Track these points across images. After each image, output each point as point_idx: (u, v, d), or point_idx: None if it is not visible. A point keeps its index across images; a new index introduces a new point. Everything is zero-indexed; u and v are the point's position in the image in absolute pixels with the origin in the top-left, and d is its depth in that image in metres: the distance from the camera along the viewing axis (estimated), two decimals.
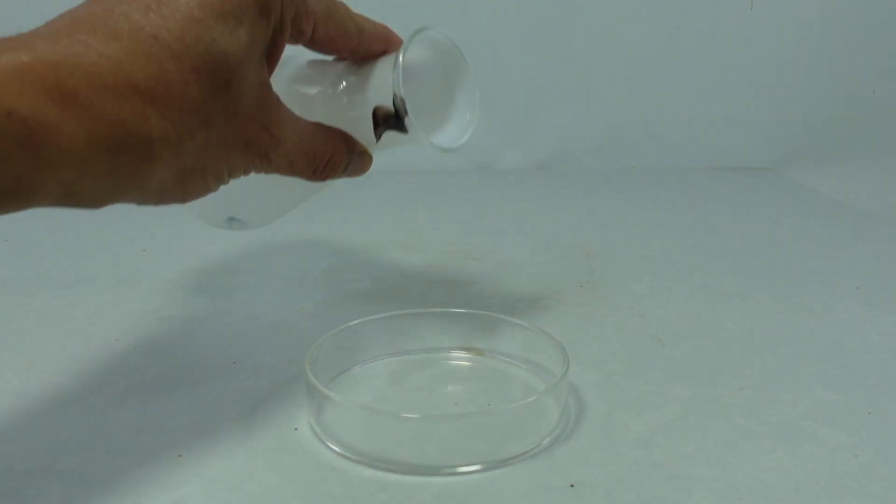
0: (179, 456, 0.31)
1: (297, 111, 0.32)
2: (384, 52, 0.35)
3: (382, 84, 0.33)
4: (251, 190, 0.35)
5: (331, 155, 0.34)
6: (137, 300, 0.48)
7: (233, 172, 0.30)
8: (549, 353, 0.36)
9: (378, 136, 0.34)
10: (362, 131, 0.35)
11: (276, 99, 0.31)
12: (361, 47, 0.34)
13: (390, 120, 0.34)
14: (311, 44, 0.33)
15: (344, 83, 0.35)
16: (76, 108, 0.23)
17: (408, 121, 0.33)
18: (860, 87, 0.93)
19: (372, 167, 0.37)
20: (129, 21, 0.26)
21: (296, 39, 0.32)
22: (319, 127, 0.34)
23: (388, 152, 0.37)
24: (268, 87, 0.30)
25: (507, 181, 0.89)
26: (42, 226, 0.64)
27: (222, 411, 0.35)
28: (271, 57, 0.30)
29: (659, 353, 0.42)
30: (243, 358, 0.41)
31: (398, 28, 0.36)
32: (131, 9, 0.26)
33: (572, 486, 0.30)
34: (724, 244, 0.64)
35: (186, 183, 0.28)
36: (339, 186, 0.38)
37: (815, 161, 0.94)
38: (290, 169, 0.32)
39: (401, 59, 0.33)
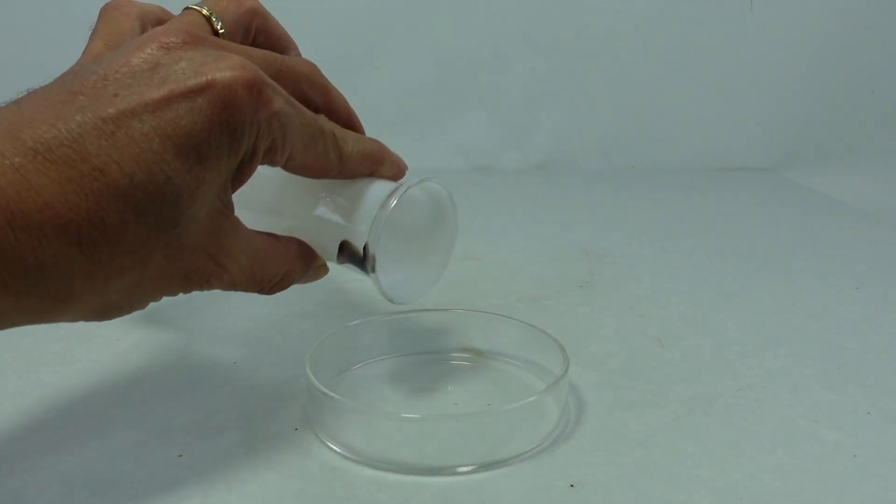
0: (180, 456, 0.31)
1: (259, 210, 0.31)
2: (372, 173, 0.33)
3: (358, 219, 0.32)
4: None
5: (282, 276, 0.31)
6: None
7: (165, 296, 0.27)
8: (549, 353, 0.36)
9: (339, 262, 0.33)
10: (326, 249, 0.33)
11: (232, 223, 0.28)
12: (343, 175, 0.31)
13: (356, 260, 0.32)
14: (285, 168, 0.30)
15: (321, 196, 0.33)
16: None
17: (371, 275, 0.32)
18: (860, 87, 0.93)
19: None
20: (77, 145, 0.23)
21: (268, 164, 0.29)
22: (276, 246, 0.31)
23: None
24: (224, 213, 0.28)
25: (506, 182, 0.89)
26: None
27: (222, 411, 0.35)
28: (238, 181, 0.28)
29: (659, 353, 0.42)
30: (243, 358, 0.41)
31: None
32: (84, 128, 0.23)
33: (572, 486, 0.30)
34: (723, 244, 0.64)
35: (106, 314, 0.26)
36: None
37: (814, 161, 0.94)
38: (233, 289, 0.30)
39: (383, 217, 0.31)
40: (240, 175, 0.27)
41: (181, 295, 0.28)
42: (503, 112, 0.94)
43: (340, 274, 0.54)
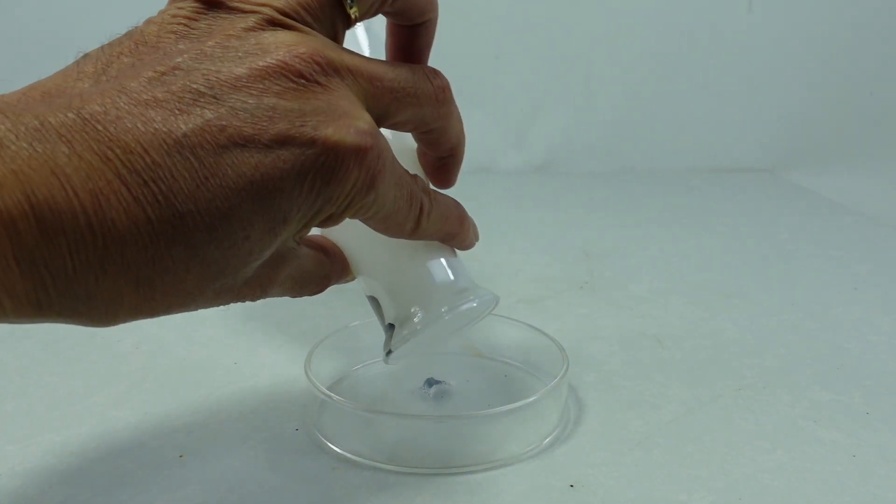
0: (180, 456, 0.32)
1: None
2: (442, 240, 0.31)
3: (395, 311, 0.31)
4: None
5: (314, 290, 0.30)
6: None
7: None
8: (548, 354, 0.36)
9: (367, 299, 0.32)
10: (361, 274, 0.32)
11: (293, 254, 0.26)
12: (411, 238, 0.29)
13: (379, 319, 0.32)
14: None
15: (381, 243, 0.30)
16: (38, 272, 0.19)
17: (383, 354, 0.31)
18: (859, 88, 0.93)
19: None
20: (164, 184, 0.20)
21: None
22: (322, 263, 0.30)
23: None
24: (292, 249, 0.26)
25: (506, 182, 0.89)
26: None
27: (223, 412, 0.35)
28: (319, 227, 0.26)
29: (658, 353, 0.42)
30: (244, 358, 0.41)
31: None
32: (178, 167, 0.21)
33: (572, 486, 0.30)
34: (723, 245, 0.64)
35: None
36: None
37: (813, 163, 0.94)
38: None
39: (418, 334, 0.30)
40: (321, 225, 0.25)
41: None
42: (503, 112, 0.94)
43: None
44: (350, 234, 0.31)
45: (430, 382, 0.36)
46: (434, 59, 0.35)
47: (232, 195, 0.21)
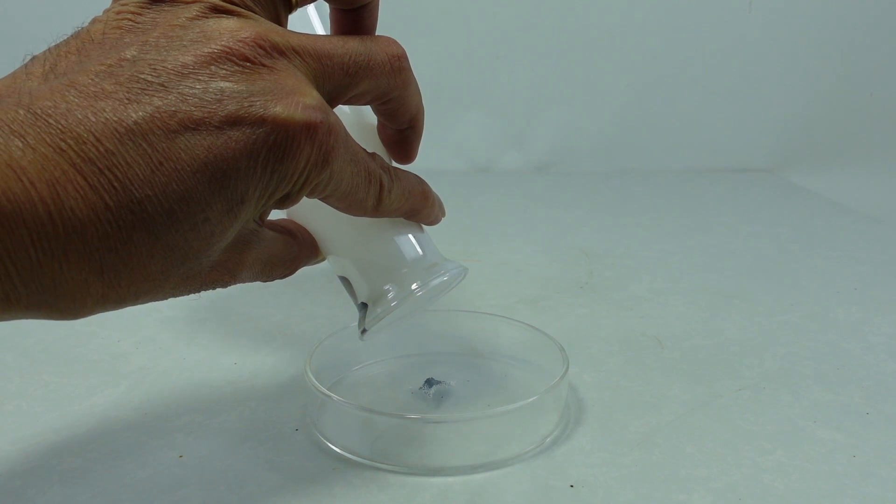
0: (180, 456, 0.32)
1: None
2: (406, 216, 0.31)
3: (367, 288, 0.31)
4: None
5: (286, 274, 0.30)
6: None
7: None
8: (548, 354, 0.36)
9: (339, 279, 0.33)
10: (330, 255, 0.32)
11: (258, 237, 0.27)
12: (374, 216, 0.30)
13: (352, 297, 0.32)
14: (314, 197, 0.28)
15: (347, 229, 0.32)
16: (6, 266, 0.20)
17: (357, 332, 0.32)
18: (859, 88, 0.93)
19: None
20: (119, 171, 0.21)
21: None
22: (290, 246, 0.30)
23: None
24: (255, 231, 0.26)
25: (506, 183, 0.89)
26: None
27: (223, 412, 0.35)
28: (277, 207, 0.26)
29: (658, 353, 0.42)
30: (244, 359, 0.41)
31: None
32: (132, 155, 0.21)
33: (572, 486, 0.30)
34: (723, 245, 0.64)
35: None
36: None
37: (813, 163, 0.94)
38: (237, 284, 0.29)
39: (390, 311, 0.30)
40: (279, 205, 0.26)
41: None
42: (503, 113, 0.94)
43: None
44: (316, 216, 0.32)
45: (430, 382, 0.36)
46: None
47: (187, 178, 0.22)
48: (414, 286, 0.30)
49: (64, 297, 0.21)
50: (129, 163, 0.21)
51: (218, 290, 0.29)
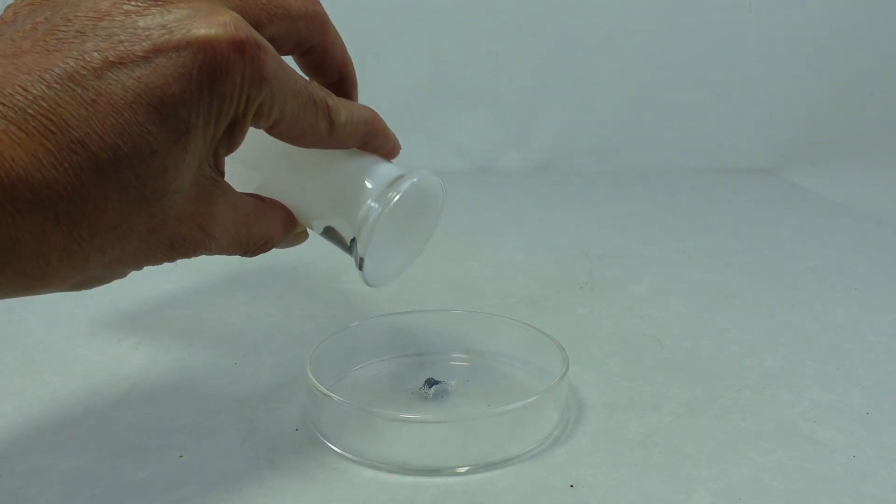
0: (180, 456, 0.32)
1: (248, 167, 0.30)
2: (365, 145, 0.31)
3: (347, 213, 0.31)
4: None
5: (265, 241, 0.30)
6: (138, 302, 0.49)
7: (147, 266, 0.26)
8: (548, 354, 0.36)
9: (320, 234, 0.33)
10: (310, 222, 0.32)
11: (221, 189, 0.27)
12: (333, 146, 0.30)
13: (340, 243, 0.32)
14: (271, 134, 0.28)
15: (311, 170, 0.32)
16: None
17: (359, 273, 0.31)
18: (859, 88, 0.93)
19: None
20: (54, 115, 0.21)
21: (252, 127, 0.27)
22: (262, 209, 0.30)
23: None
24: (214, 180, 0.26)
25: (506, 182, 0.89)
26: None
27: (223, 412, 0.35)
28: (227, 147, 0.26)
29: (658, 353, 0.42)
30: (244, 359, 0.41)
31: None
32: (62, 96, 0.21)
33: (572, 486, 0.30)
34: (723, 245, 0.64)
35: (84, 286, 0.25)
36: None
37: (813, 163, 0.94)
38: (218, 254, 0.28)
39: (373, 225, 0.30)
40: (229, 140, 0.26)
41: (167, 266, 0.27)
42: (503, 113, 0.94)
43: (341, 275, 0.54)
44: (281, 175, 0.32)
45: (430, 382, 0.36)
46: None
47: (124, 109, 0.22)
48: (390, 194, 0.30)
49: (26, 255, 0.21)
50: (62, 104, 0.21)
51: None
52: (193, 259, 0.27)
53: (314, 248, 0.61)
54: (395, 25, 0.90)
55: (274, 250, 0.32)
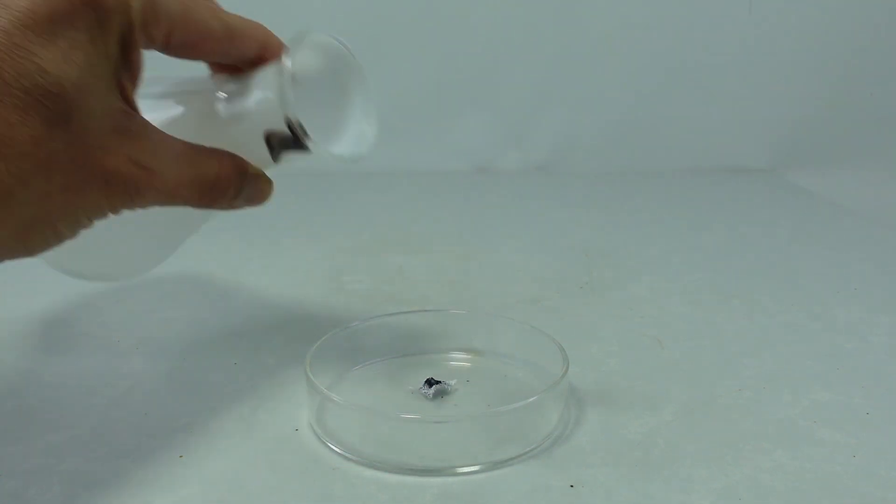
0: (180, 456, 0.32)
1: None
2: (261, 58, 0.31)
3: (268, 101, 0.30)
4: (112, 236, 0.30)
5: (217, 175, 0.29)
6: (138, 301, 0.49)
7: (93, 215, 0.26)
8: (548, 354, 0.36)
9: (276, 159, 0.31)
10: (253, 152, 0.31)
11: (143, 123, 0.27)
12: (233, 50, 0.30)
13: (288, 142, 0.30)
14: (169, 50, 0.28)
15: (223, 100, 0.31)
16: None
17: (309, 142, 0.30)
18: (859, 88, 0.93)
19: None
20: None
21: (147, 46, 0.27)
22: (201, 149, 0.29)
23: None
24: (127, 110, 0.26)
25: (506, 183, 0.89)
26: None
27: (223, 412, 0.35)
28: (128, 72, 0.26)
29: (658, 353, 0.42)
30: (244, 359, 0.41)
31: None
32: None
33: (572, 486, 0.30)
34: (722, 246, 0.64)
35: (29, 236, 0.24)
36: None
37: (813, 163, 0.94)
38: (171, 200, 0.28)
39: (288, 70, 0.29)
40: (127, 64, 0.26)
41: (111, 215, 0.26)
42: (503, 113, 0.94)
43: (340, 274, 0.54)
44: (206, 134, 0.31)
45: (430, 382, 0.36)
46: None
47: (1, 36, 0.22)
48: (286, 57, 0.29)
49: None
50: None
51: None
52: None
53: (314, 247, 0.61)
54: (396, 26, 0.90)
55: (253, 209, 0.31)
